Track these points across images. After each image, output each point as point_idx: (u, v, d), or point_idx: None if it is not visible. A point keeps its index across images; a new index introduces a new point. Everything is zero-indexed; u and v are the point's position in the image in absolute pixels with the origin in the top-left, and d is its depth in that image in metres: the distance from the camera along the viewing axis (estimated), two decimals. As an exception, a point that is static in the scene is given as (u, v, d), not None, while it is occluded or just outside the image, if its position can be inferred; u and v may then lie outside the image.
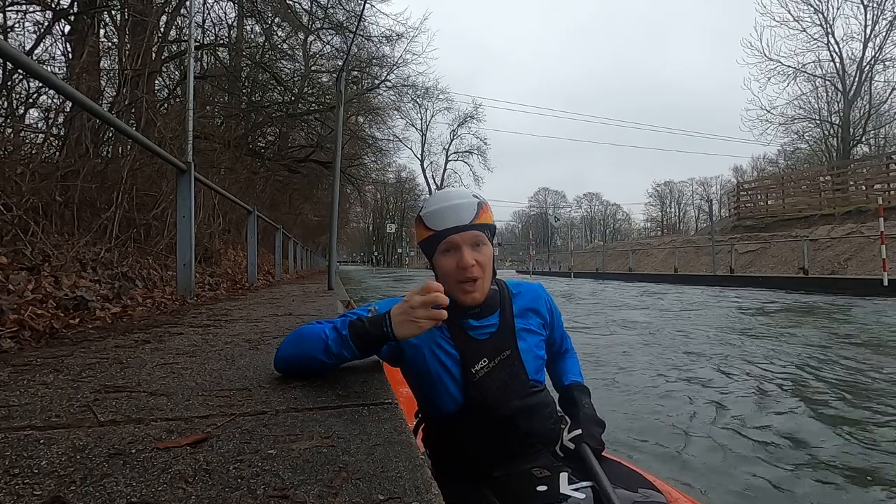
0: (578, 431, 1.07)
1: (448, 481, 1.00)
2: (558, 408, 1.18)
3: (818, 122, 23.36)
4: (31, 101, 3.56)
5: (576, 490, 0.92)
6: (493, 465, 1.03)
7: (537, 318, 1.16)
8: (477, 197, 1.07)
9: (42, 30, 3.87)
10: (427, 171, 51.36)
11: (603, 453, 1.07)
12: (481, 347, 1.07)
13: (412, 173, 53.95)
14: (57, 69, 3.98)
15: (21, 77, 3.29)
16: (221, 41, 9.21)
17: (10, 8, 3.66)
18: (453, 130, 49.73)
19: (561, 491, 0.92)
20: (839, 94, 22.33)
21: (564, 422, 1.13)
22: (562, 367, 1.28)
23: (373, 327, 0.94)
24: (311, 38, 12.23)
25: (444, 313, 0.89)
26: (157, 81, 6.54)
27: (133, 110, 4.42)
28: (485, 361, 1.06)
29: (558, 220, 53.33)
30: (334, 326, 0.97)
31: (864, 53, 21.37)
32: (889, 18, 20.54)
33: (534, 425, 1.07)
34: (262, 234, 8.32)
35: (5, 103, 3.31)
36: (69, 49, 4.13)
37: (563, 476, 0.95)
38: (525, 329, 1.13)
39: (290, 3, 9.93)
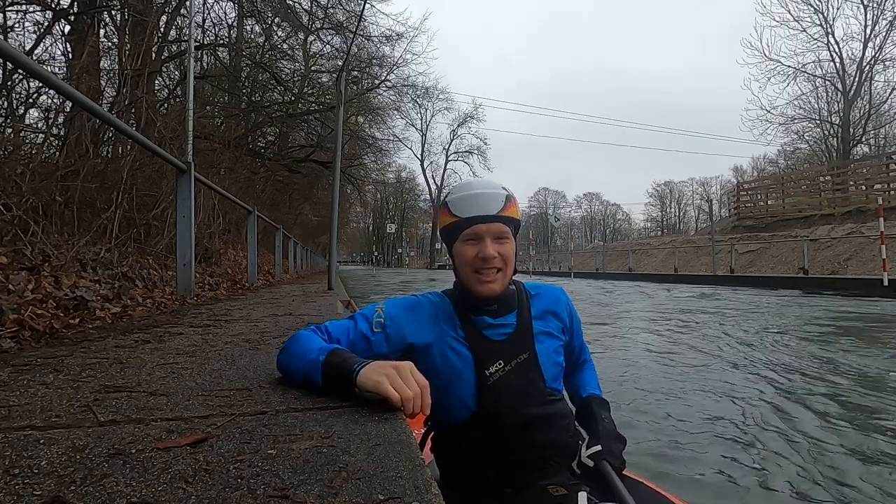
0: (598, 447, 0.99)
1: (458, 497, 0.94)
2: (576, 422, 1.12)
3: (818, 122, 23.36)
4: (31, 101, 3.56)
5: None
6: (506, 479, 0.97)
7: (557, 322, 1.10)
8: (506, 189, 1.03)
9: (42, 30, 3.87)
10: (427, 171, 51.45)
11: (623, 472, 1.00)
12: (497, 349, 1.01)
13: (412, 173, 54.08)
14: (57, 69, 3.98)
15: (21, 77, 3.29)
16: (221, 41, 9.22)
17: (10, 8, 3.65)
18: (453, 130, 49.79)
19: None
20: (839, 94, 22.33)
21: (582, 437, 1.06)
22: (579, 378, 1.21)
23: (344, 364, 0.85)
24: (311, 38, 12.24)
25: (420, 404, 0.79)
26: (157, 81, 6.54)
27: (133, 110, 4.42)
28: (500, 364, 1.00)
29: (558, 220, 53.33)
30: (320, 348, 0.90)
31: (864, 53, 21.41)
32: (889, 18, 20.57)
33: (550, 437, 1.00)
34: (262, 234, 8.32)
35: (5, 103, 3.31)
36: (69, 49, 4.13)
37: (582, 496, 0.88)
38: (544, 332, 1.07)
39: (290, 3, 9.93)
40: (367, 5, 10.12)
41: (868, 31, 21.07)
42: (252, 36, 11.01)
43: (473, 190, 1.02)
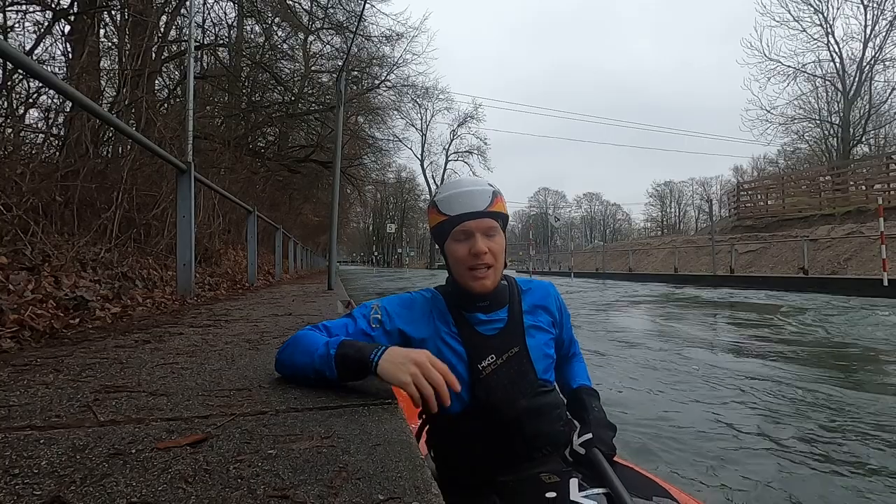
0: (589, 436, 1.02)
1: (452, 486, 0.97)
2: (567, 412, 1.14)
3: (818, 122, 23.37)
4: (31, 101, 3.56)
5: (587, 497, 0.87)
6: (499, 469, 1.00)
7: (547, 316, 1.14)
8: (492, 186, 1.05)
9: (42, 30, 3.86)
10: (427, 171, 51.36)
11: (614, 458, 1.03)
12: (488, 343, 1.04)
13: (412, 173, 54.05)
14: (57, 69, 3.98)
15: (21, 77, 3.29)
16: (221, 41, 9.21)
17: (10, 8, 3.65)
18: (453, 130, 49.73)
19: (571, 498, 0.88)
20: (839, 94, 22.33)
21: (574, 426, 1.09)
22: (569, 370, 1.24)
23: (359, 353, 0.89)
24: (311, 38, 12.24)
25: (447, 392, 0.84)
26: (157, 81, 6.54)
27: (133, 110, 4.42)
28: (492, 358, 1.03)
29: (558, 220, 53.37)
30: (327, 342, 0.93)
31: (864, 53, 21.41)
32: (889, 18, 20.57)
33: (542, 427, 1.03)
34: (262, 234, 8.32)
35: (5, 103, 3.31)
36: (69, 49, 4.13)
37: (574, 482, 0.91)
38: (534, 326, 1.10)
39: (290, 3, 9.93)
40: (367, 5, 10.13)
41: (868, 31, 21.10)
42: (252, 36, 11.01)
43: (460, 188, 1.04)
